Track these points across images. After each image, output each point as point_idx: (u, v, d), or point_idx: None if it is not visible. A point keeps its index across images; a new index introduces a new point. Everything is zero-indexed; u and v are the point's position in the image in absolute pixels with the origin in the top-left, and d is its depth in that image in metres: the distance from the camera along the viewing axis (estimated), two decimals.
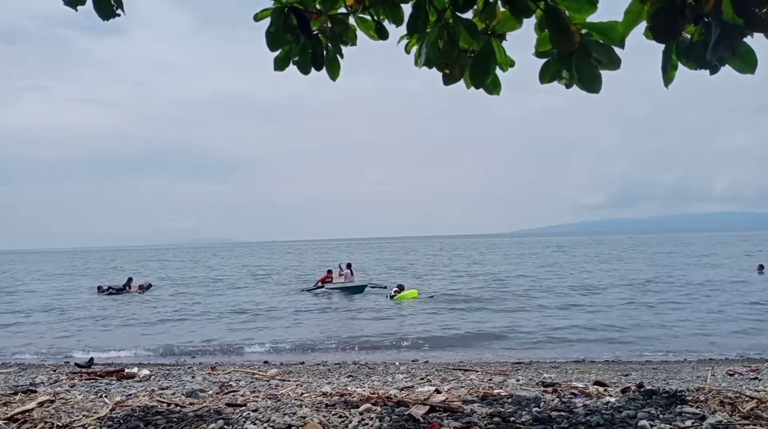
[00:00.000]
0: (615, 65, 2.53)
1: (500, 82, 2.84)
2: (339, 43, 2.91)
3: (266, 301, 24.40)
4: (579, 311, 19.09)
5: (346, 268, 26.90)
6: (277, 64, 2.92)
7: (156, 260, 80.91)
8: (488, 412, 4.09)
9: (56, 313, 22.51)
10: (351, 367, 11.00)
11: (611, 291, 24.42)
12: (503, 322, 17.25)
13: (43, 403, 4.81)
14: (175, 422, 3.97)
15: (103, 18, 2.69)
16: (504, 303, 21.84)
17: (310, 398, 5.04)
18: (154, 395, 5.94)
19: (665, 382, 8.13)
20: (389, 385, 7.69)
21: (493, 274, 35.26)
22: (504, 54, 2.76)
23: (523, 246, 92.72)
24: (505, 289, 26.63)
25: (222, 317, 19.99)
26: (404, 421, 3.84)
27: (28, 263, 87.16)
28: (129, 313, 21.76)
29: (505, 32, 2.67)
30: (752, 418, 3.62)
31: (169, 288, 32.47)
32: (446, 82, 2.75)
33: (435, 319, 18.23)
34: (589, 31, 2.50)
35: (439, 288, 27.15)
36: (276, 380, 8.55)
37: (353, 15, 2.84)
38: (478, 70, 2.68)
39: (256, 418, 4.03)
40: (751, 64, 2.35)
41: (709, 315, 17.63)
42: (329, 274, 27.76)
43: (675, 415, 3.75)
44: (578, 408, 4.20)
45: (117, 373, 8.97)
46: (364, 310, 20.42)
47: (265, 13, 2.73)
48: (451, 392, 5.58)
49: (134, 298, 27.40)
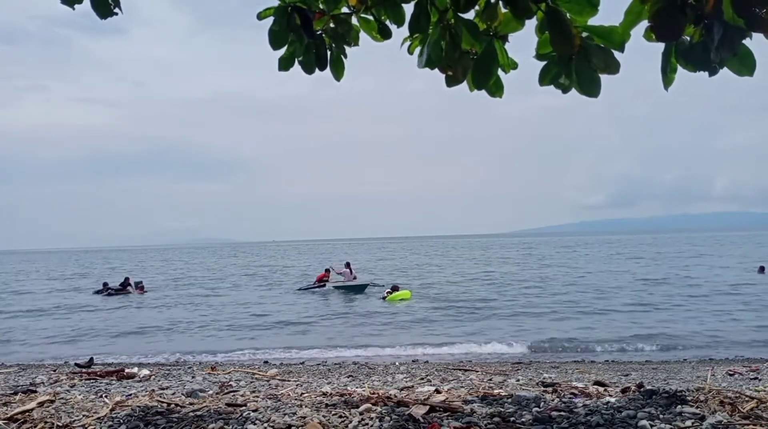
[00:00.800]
0: (614, 70, 2.53)
1: (503, 84, 2.83)
2: (342, 43, 2.90)
3: (266, 301, 24.42)
4: (581, 311, 19.10)
5: (345, 268, 26.88)
6: (282, 64, 2.92)
7: (156, 260, 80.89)
8: (488, 412, 4.09)
9: (56, 313, 22.50)
10: (351, 367, 11.00)
11: (612, 291, 24.45)
12: (506, 324, 17.25)
13: (43, 403, 4.81)
14: (175, 422, 3.96)
15: (101, 16, 2.69)
16: (506, 304, 21.86)
17: (310, 398, 5.04)
18: (154, 395, 5.94)
19: (665, 382, 8.13)
20: (389, 385, 7.69)
21: (492, 274, 35.26)
22: (506, 56, 2.75)
23: (525, 246, 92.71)
24: (505, 289, 26.65)
25: (222, 317, 19.98)
26: (404, 421, 3.84)
27: (28, 263, 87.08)
28: (128, 313, 21.77)
29: (507, 33, 2.67)
30: (752, 418, 3.62)
31: (169, 288, 32.45)
32: (449, 84, 2.74)
33: (434, 318, 18.23)
34: (589, 35, 2.50)
35: (439, 290, 27.14)
36: (276, 380, 8.55)
37: (356, 15, 2.84)
38: (481, 71, 2.67)
39: (256, 418, 4.03)
40: (750, 67, 2.34)
41: (709, 315, 17.65)
42: (327, 273, 27.77)
43: (675, 415, 3.75)
44: (578, 408, 4.21)
45: (117, 373, 8.97)
46: (363, 310, 20.42)
47: (268, 12, 2.73)
48: (451, 392, 5.58)
49: (134, 297, 27.40)
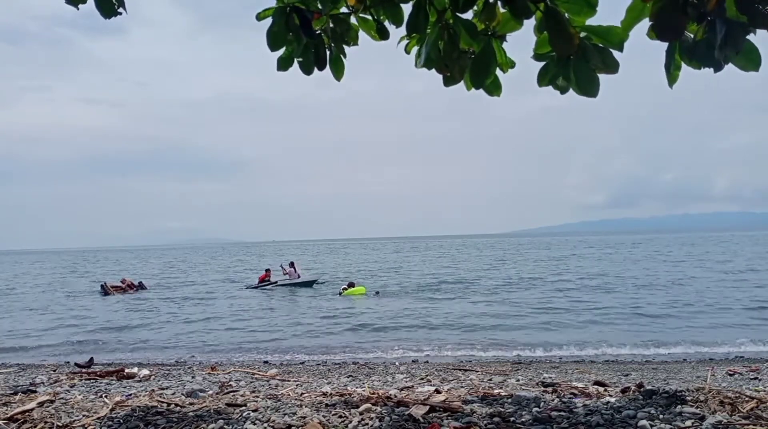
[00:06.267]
0: (613, 69, 2.52)
1: (501, 84, 2.83)
2: (341, 43, 2.90)
3: (265, 301, 24.45)
4: (584, 312, 19.09)
5: (289, 267, 29.83)
6: (281, 64, 2.92)
7: (156, 260, 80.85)
8: (488, 412, 4.09)
9: (56, 313, 22.48)
10: (351, 367, 10.99)
11: (615, 291, 24.45)
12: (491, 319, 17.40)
13: (43, 403, 4.81)
14: (175, 422, 3.96)
15: (105, 16, 2.68)
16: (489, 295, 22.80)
17: (310, 398, 5.04)
18: (154, 395, 5.94)
19: (665, 382, 8.13)
20: (389, 385, 7.69)
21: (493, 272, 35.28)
22: (504, 55, 2.75)
23: (524, 245, 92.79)
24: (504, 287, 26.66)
25: (222, 317, 19.97)
26: (404, 421, 3.84)
27: (28, 263, 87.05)
28: (128, 313, 21.75)
29: (505, 33, 2.66)
30: (752, 418, 3.62)
31: (169, 288, 32.43)
32: (447, 83, 2.74)
33: (434, 319, 18.23)
34: (588, 34, 2.49)
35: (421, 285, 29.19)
36: (276, 380, 8.55)
37: (355, 15, 2.84)
38: (479, 71, 2.67)
39: (256, 418, 4.03)
40: (755, 62, 2.33)
41: (710, 315, 17.62)
42: (268, 273, 30.23)
43: (675, 415, 3.75)
44: (578, 408, 4.20)
45: (117, 373, 8.97)
46: (361, 310, 20.44)
47: (267, 12, 2.73)
48: (451, 392, 5.58)
49: (133, 297, 27.39)
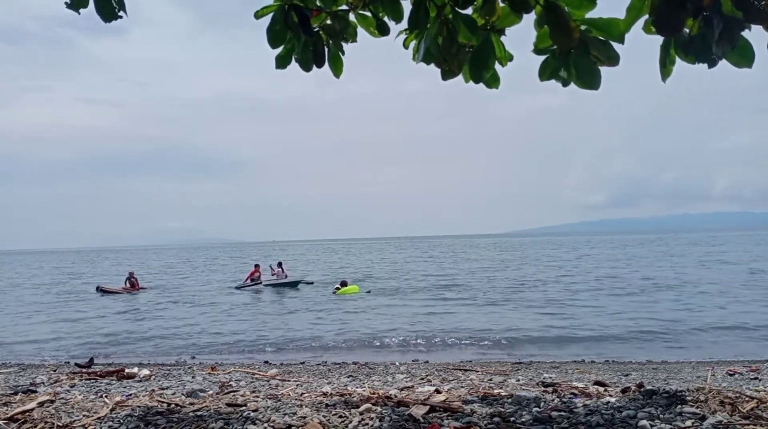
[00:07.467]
0: (614, 61, 2.52)
1: (499, 77, 2.83)
2: (340, 40, 2.90)
3: (264, 301, 24.45)
4: (585, 311, 19.10)
5: (277, 267, 29.96)
6: (279, 61, 2.91)
7: (157, 260, 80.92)
8: (488, 412, 4.08)
9: (56, 313, 22.49)
10: (351, 367, 10.98)
11: (616, 291, 24.44)
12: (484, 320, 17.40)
13: (43, 403, 4.80)
14: (175, 422, 3.95)
15: (106, 20, 2.67)
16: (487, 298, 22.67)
17: (310, 398, 5.03)
18: (154, 395, 5.93)
19: (665, 382, 8.12)
20: (389, 385, 7.68)
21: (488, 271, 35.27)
22: (503, 49, 2.75)
23: (527, 245, 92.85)
24: (502, 286, 26.63)
25: (222, 317, 19.98)
26: (404, 421, 3.83)
27: (28, 263, 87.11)
28: (128, 313, 21.75)
29: (505, 27, 2.66)
30: (752, 418, 3.61)
31: (169, 288, 32.44)
32: (444, 77, 2.74)
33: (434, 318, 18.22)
34: (588, 28, 2.49)
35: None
36: (276, 380, 8.54)
37: (354, 12, 2.83)
38: (477, 64, 2.67)
39: (256, 418, 4.02)
40: (749, 58, 2.33)
41: (710, 315, 17.61)
42: (257, 269, 30.24)
43: (675, 415, 3.74)
44: (578, 408, 4.19)
45: (117, 373, 8.96)
46: (358, 310, 20.45)
47: (266, 10, 2.72)
48: (451, 392, 5.57)
49: (133, 297, 27.41)
